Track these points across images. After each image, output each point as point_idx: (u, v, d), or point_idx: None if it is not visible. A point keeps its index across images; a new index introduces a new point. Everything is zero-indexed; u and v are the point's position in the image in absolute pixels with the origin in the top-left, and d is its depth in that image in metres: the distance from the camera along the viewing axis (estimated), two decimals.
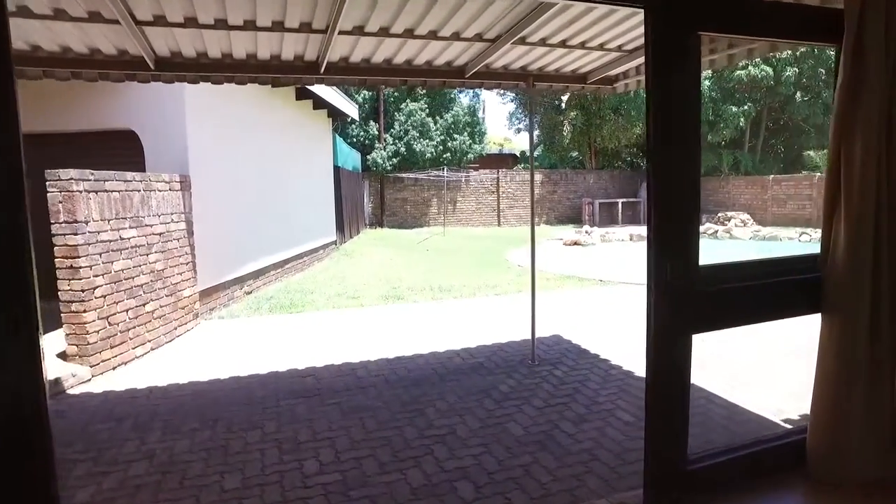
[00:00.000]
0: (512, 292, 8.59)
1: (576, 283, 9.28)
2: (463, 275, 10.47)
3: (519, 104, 27.00)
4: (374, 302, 8.11)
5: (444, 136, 21.83)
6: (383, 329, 6.63)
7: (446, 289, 8.95)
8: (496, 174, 23.78)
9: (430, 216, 23.12)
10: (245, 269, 8.52)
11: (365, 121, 21.75)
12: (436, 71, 4.72)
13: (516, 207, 24.14)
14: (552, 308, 7.52)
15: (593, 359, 5.38)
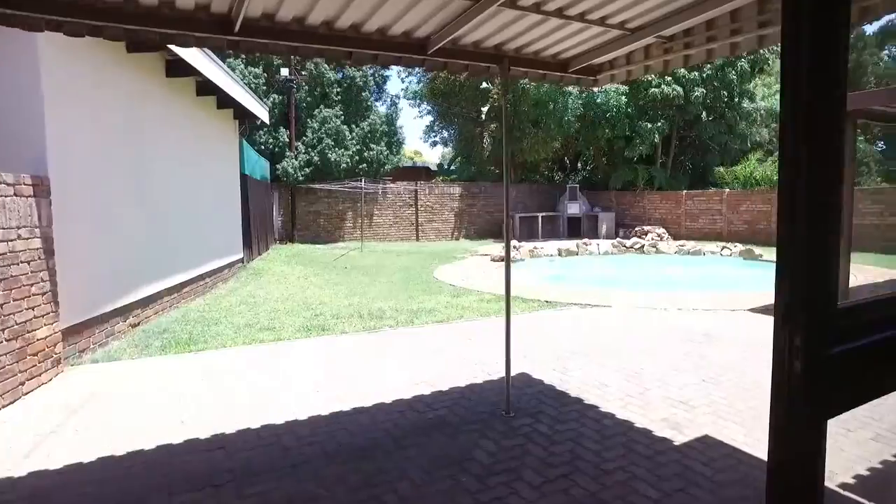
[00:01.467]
0: (454, 319, 7.55)
1: (521, 305, 8.41)
2: (393, 297, 9.31)
3: (437, 116, 26.26)
4: (294, 334, 6.76)
5: (360, 146, 20.56)
6: (310, 372, 5.34)
7: (377, 315, 7.75)
8: (414, 186, 22.82)
9: (346, 230, 21.70)
10: (131, 296, 6.87)
11: (274, 127, 20.02)
12: (390, 43, 3.62)
13: (435, 221, 23.28)
14: (503, 336, 6.56)
15: (576, 405, 4.44)
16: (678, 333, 6.65)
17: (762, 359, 5.61)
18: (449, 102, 23.81)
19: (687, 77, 21.50)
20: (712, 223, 21.04)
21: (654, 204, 23.10)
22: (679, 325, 7.07)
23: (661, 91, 21.30)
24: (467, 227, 23.82)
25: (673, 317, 7.62)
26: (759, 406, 4.41)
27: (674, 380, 5.02)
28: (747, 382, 4.94)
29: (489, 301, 8.81)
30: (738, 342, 6.26)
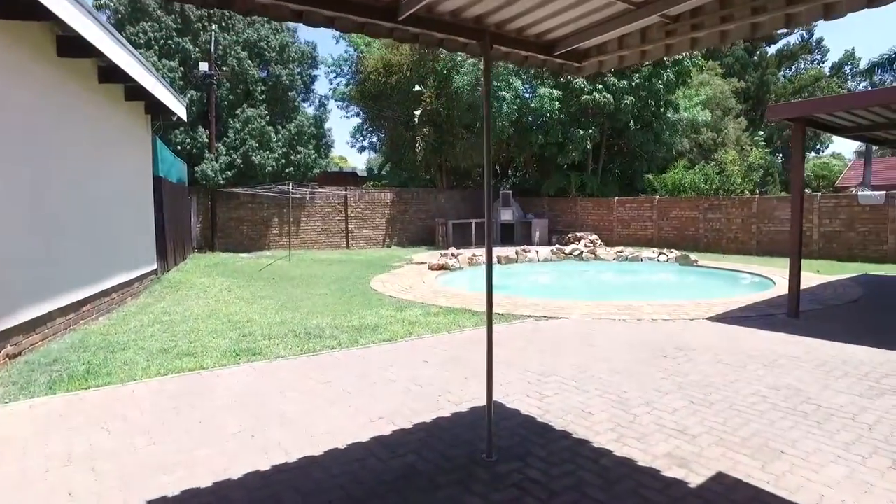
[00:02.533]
0: (403, 336, 6.79)
1: (471, 319, 7.78)
2: (330, 312, 8.42)
3: (366, 119, 25.34)
4: (220, 360, 5.77)
5: (286, 148, 19.31)
6: (242, 411, 4.43)
7: (315, 334, 6.86)
8: (344, 192, 21.80)
9: (271, 238, 20.35)
10: (12, 319, 5.64)
11: (192, 125, 18.42)
12: (352, 3, 2.87)
13: (366, 228, 22.36)
14: (462, 355, 5.89)
15: (565, 441, 3.82)
16: (649, 347, 6.23)
17: (742, 375, 5.25)
18: (379, 105, 23.00)
19: (617, 85, 21.83)
20: (643, 229, 21.43)
21: (586, 210, 23.31)
22: (646, 338, 6.67)
23: (593, 98, 21.51)
24: (399, 235, 23.05)
25: (635, 328, 7.24)
26: (762, 431, 3.97)
27: (661, 403, 4.53)
28: (738, 403, 4.52)
29: (437, 314, 8.11)
30: (710, 355, 5.90)
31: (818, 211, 16.75)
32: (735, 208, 18.76)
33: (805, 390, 4.86)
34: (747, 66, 36.02)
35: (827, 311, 8.36)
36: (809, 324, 7.49)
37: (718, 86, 29.82)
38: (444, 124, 22.40)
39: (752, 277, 12.73)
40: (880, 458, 3.61)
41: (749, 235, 18.29)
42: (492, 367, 3.74)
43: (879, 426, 4.13)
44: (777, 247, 17.42)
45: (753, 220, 18.19)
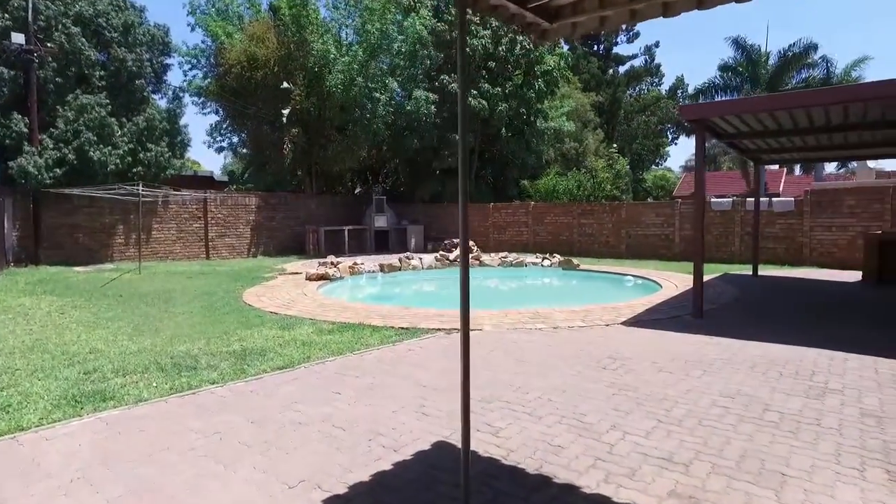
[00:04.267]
0: (299, 361, 5.61)
1: (374, 336, 6.77)
2: (201, 334, 6.92)
3: (227, 116, 22.98)
4: (51, 413, 4.20)
5: (134, 145, 16.64)
6: (89, 496, 3.07)
7: (187, 365, 5.43)
8: (203, 196, 19.44)
9: (116, 248, 17.46)
10: None
11: (4, 111, 15.13)
12: None
13: (229, 236, 20.15)
14: (378, 382, 4.90)
15: (550, 489, 3.04)
16: (581, 358, 5.69)
17: (691, 384, 4.87)
18: (242, 102, 20.94)
19: (491, 92, 21.98)
20: (519, 234, 21.67)
21: None
22: (572, 348, 6.15)
23: (469, 103, 21.41)
24: (266, 243, 21.12)
25: (555, 337, 6.72)
26: (749, 450, 3.50)
27: (628, 425, 3.93)
28: (706, 418, 4.06)
29: (332, 332, 6.98)
30: (648, 364, 5.50)
31: (679, 216, 17.95)
32: (606, 214, 19.58)
33: (757, 396, 4.57)
34: (602, 83, 38.71)
35: (721, 310, 8.54)
36: (715, 323, 7.51)
37: (579, 98, 31.54)
38: (315, 125, 20.94)
39: (634, 280, 13.09)
40: (875, 470, 3.33)
41: (619, 239, 19.17)
42: (468, 402, 2.82)
43: (848, 430, 3.90)
44: (645, 250, 18.42)
45: (623, 225, 19.09)
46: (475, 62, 22.49)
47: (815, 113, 7.60)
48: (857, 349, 6.04)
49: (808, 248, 15.69)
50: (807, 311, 8.59)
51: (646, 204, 20.18)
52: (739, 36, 30.11)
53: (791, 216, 15.89)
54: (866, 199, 15.12)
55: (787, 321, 7.73)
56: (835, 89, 7.89)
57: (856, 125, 8.57)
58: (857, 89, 6.78)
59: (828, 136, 9.72)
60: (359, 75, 19.34)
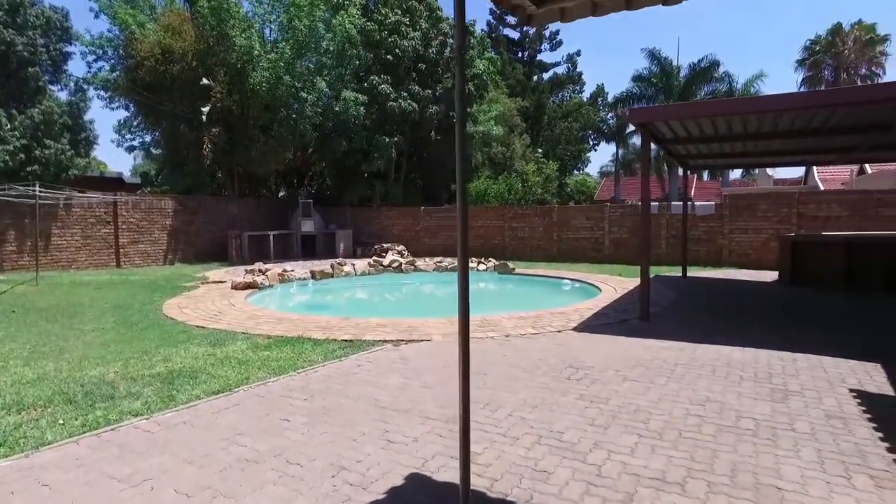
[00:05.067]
0: (237, 384, 4.99)
1: (316, 351, 6.24)
2: (116, 354, 6.10)
3: (138, 112, 21.25)
4: None
5: (28, 141, 14.94)
6: None
7: (103, 394, 4.69)
8: (113, 199, 17.82)
9: (5, 256, 15.60)
10: None
11: None
12: None
13: (142, 243, 18.60)
14: (331, 404, 4.42)
15: None
16: (543, 369, 5.44)
17: (660, 392, 4.72)
18: (156, 98, 19.43)
19: (422, 94, 21.67)
20: (450, 239, 21.44)
21: (391, 220, 22.64)
22: (531, 358, 5.90)
23: (399, 105, 21.00)
24: (185, 249, 19.69)
25: (510, 346, 6.46)
26: (737, 463, 3.35)
27: (610, 442, 3.69)
28: (684, 430, 3.90)
29: (269, 347, 6.37)
30: (611, 372, 5.33)
31: (608, 220, 18.38)
32: (538, 217, 19.75)
33: (727, 402, 4.49)
34: (527, 90, 39.39)
35: (665, 312, 8.63)
36: (662, 326, 7.54)
37: (506, 103, 31.87)
38: (238, 125, 19.78)
39: (572, 283, 13.16)
40: (861, 477, 3.29)
41: (551, 242, 19.38)
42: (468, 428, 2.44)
43: (821, 435, 3.88)
44: (576, 252, 18.72)
45: (554, 229, 19.32)
46: (405, 64, 22.12)
47: (749, 120, 7.83)
48: (800, 349, 6.18)
49: (728, 250, 16.49)
50: (742, 312, 8.85)
51: (577, 207, 20.58)
52: (654, 48, 31.64)
53: (712, 220, 16.63)
54: (776, 204, 16.09)
55: (728, 322, 7.90)
56: (767, 98, 8.16)
57: (780, 133, 8.94)
58: (790, 98, 7.00)
59: (754, 143, 10.13)
60: (285, 73, 18.45)
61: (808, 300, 10.01)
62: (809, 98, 6.33)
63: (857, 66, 39.93)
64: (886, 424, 4.06)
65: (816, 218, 15.40)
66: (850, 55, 39.61)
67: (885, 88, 6.47)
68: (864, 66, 40.13)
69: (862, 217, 14.88)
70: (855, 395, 4.73)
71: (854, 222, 14.89)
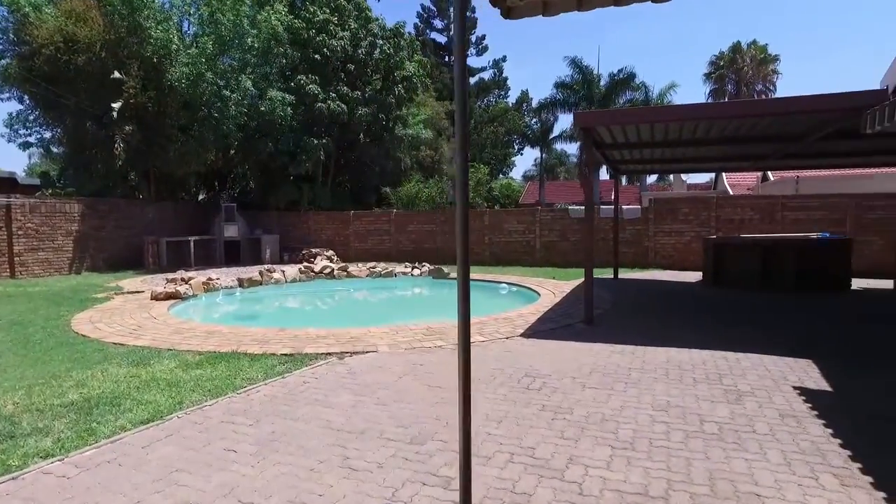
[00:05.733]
0: (169, 410, 4.47)
1: (255, 365, 5.77)
2: (14, 383, 5.34)
3: (35, 106, 19.34)
4: None
5: None
6: None
7: (1, 433, 4.04)
8: (6, 201, 16.08)
9: None
10: None
11: None
12: None
13: (43, 250, 16.91)
14: (280, 429, 4.02)
15: None
16: (501, 380, 5.26)
17: (621, 399, 4.67)
18: (58, 91, 17.75)
19: (351, 95, 21.17)
20: (381, 243, 21.06)
21: (320, 225, 21.92)
22: (485, 368, 5.71)
23: (328, 106, 20.39)
24: (94, 257, 18.10)
25: (455, 357, 6.23)
26: (713, 471, 3.30)
27: (584, 457, 3.55)
28: (654, 438, 3.83)
29: (201, 364, 5.82)
30: (569, 380, 5.24)
31: (539, 223, 18.65)
32: (469, 221, 19.70)
33: (687, 406, 4.50)
34: (453, 94, 39.60)
35: (606, 315, 8.73)
36: (607, 330, 7.60)
37: (434, 107, 31.85)
38: (154, 123, 18.42)
39: (509, 287, 13.16)
40: (826, 476, 3.37)
41: (483, 246, 19.40)
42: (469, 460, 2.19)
43: (780, 435, 3.96)
44: (508, 256, 18.85)
45: (486, 232, 19.37)
46: (333, 64, 21.53)
47: (686, 127, 8.09)
48: (739, 349, 6.38)
49: (653, 252, 17.15)
50: (676, 312, 9.12)
51: (508, 211, 20.76)
52: (576, 56, 32.67)
53: (638, 223, 17.25)
54: (697, 208, 16.92)
55: (667, 323, 8.09)
56: (700, 106, 8.45)
57: (704, 140, 9.31)
58: (725, 107, 7.26)
59: (682, 150, 10.53)
60: (207, 70, 17.39)
61: (732, 300, 10.49)
62: (744, 107, 6.61)
63: (753, 82, 43.15)
64: (832, 420, 4.19)
65: (732, 221, 16.32)
66: (748, 72, 42.72)
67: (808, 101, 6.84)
68: (759, 82, 43.43)
69: (771, 220, 15.91)
70: (799, 393, 4.88)
71: (764, 224, 15.88)
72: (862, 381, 5.26)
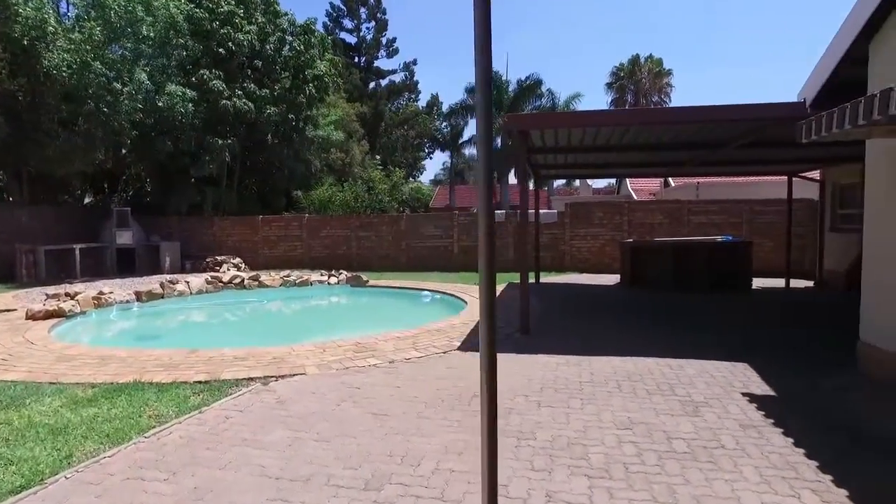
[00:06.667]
0: (52, 470, 3.62)
1: (166, 398, 4.97)
2: None
3: None
4: None
5: None
6: None
7: None
8: None
9: None
10: None
11: None
12: None
13: None
14: (205, 484, 3.36)
15: None
16: (449, 402, 4.83)
17: (582, 419, 4.39)
18: None
19: (258, 94, 19.93)
20: (292, 249, 19.99)
21: (225, 230, 20.45)
22: (429, 388, 5.26)
23: (234, 104, 19.05)
24: None
25: (400, 375, 5.75)
26: (701, 496, 3.07)
27: (561, 489, 3.22)
28: (629, 462, 3.57)
29: (93, 401, 4.91)
30: (522, 399, 4.90)
31: (458, 227, 18.45)
32: (385, 226, 19.18)
33: (649, 422, 4.31)
34: (364, 96, 38.75)
35: (540, 323, 8.52)
36: (545, 340, 7.40)
37: (345, 108, 30.96)
38: (27, 115, 16.27)
39: (432, 295, 12.78)
40: (806, 492, 3.26)
41: (399, 252, 18.93)
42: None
43: (749, 448, 3.88)
44: (426, 261, 18.49)
45: (403, 237, 18.90)
46: (239, 59, 20.20)
47: (616, 132, 8.11)
48: (679, 354, 6.37)
49: (569, 256, 17.47)
50: (606, 317, 9.15)
51: (426, 215, 20.42)
52: None
53: (555, 227, 17.50)
54: (611, 213, 17.44)
55: (601, 329, 8.04)
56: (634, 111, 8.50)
57: (636, 146, 9.44)
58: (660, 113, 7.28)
59: (605, 156, 10.65)
60: (94, 59, 15.59)
61: (653, 302, 10.74)
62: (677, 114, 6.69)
63: (650, 93, 45.87)
64: (789, 428, 4.17)
65: (643, 224, 16.96)
66: (646, 83, 45.35)
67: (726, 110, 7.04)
68: (655, 94, 46.25)
69: (678, 223, 16.71)
70: (749, 400, 4.86)
71: (672, 228, 16.65)
72: (797, 382, 5.36)
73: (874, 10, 5.34)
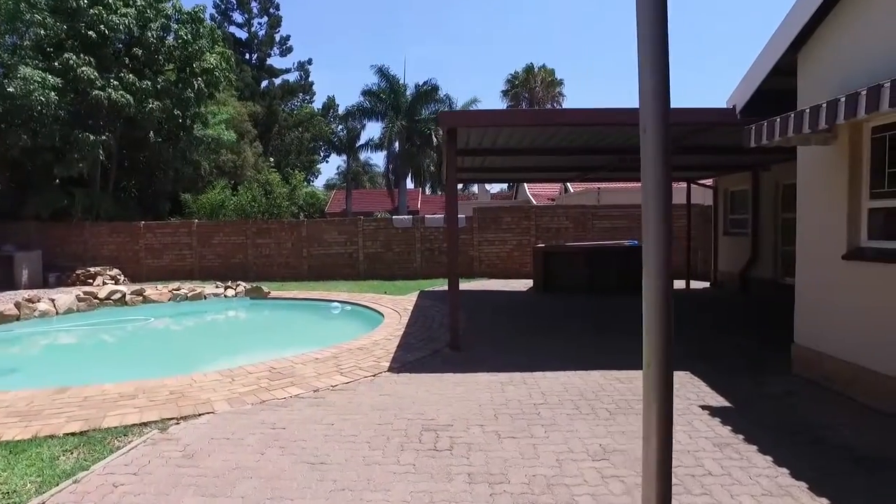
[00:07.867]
0: None
1: (18, 464, 3.85)
2: None
3: None
4: None
5: None
6: None
7: None
8: None
9: None
10: None
11: None
12: None
13: None
14: None
15: None
16: (396, 440, 4.13)
17: (551, 452, 3.90)
18: None
19: (139, 85, 17.81)
20: (181, 259, 18.08)
21: (100, 238, 18.07)
22: (367, 422, 4.53)
23: (108, 95, 16.87)
24: None
25: (331, 409, 4.95)
26: None
27: None
28: (619, 501, 3.11)
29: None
30: (478, 429, 4.33)
31: (363, 234, 17.61)
32: (285, 232, 17.90)
33: (624, 449, 3.93)
34: (256, 95, 36.58)
35: (468, 335, 8.00)
36: (479, 353, 6.91)
37: (237, 107, 28.93)
38: None
39: (342, 306, 11.89)
40: None
41: (300, 260, 17.74)
42: None
43: (735, 473, 3.59)
44: (329, 270, 17.45)
45: (304, 244, 17.74)
46: (114, 45, 18.00)
47: (545, 133, 7.83)
48: (622, 364, 6.10)
49: (478, 261, 17.24)
50: (531, 325, 8.85)
51: (328, 221, 19.33)
52: (384, 65, 32.44)
53: (463, 232, 17.18)
54: (518, 218, 17.45)
55: (532, 339, 7.71)
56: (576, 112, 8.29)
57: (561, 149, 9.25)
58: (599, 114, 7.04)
59: (524, 159, 10.41)
60: None
61: (572, 307, 10.65)
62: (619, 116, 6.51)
63: (544, 101, 47.57)
64: (762, 444, 4.00)
65: (549, 229, 17.12)
66: (539, 92, 46.95)
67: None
68: (549, 102, 48.05)
69: (583, 228, 17.05)
70: (710, 413, 4.66)
71: (578, 232, 16.95)
72: (744, 389, 5.29)
73: (802, 26, 5.45)
